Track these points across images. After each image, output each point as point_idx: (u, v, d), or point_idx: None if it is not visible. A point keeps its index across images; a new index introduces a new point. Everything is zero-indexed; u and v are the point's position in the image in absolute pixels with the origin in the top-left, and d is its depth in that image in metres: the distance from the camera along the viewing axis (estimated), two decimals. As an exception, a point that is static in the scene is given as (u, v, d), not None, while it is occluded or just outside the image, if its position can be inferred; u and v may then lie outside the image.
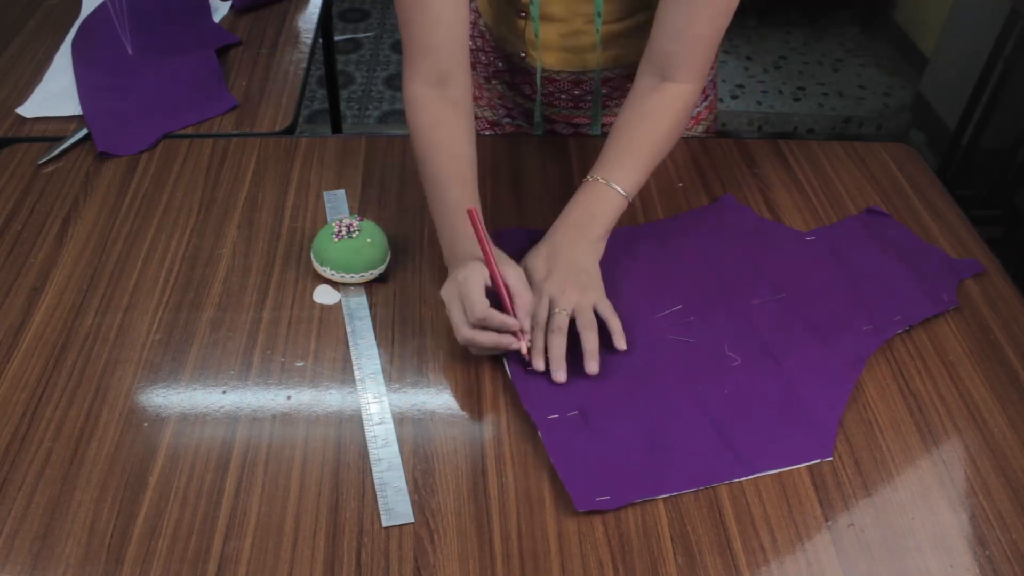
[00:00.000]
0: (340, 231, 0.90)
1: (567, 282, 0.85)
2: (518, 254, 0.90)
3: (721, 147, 1.14)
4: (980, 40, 2.37)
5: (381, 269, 0.92)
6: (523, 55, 1.10)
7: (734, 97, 3.03)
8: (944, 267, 0.95)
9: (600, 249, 0.90)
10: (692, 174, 1.09)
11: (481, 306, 0.78)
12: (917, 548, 0.71)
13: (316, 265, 0.92)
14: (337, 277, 0.90)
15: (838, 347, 0.85)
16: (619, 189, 0.91)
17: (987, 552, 0.71)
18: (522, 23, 1.07)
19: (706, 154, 1.13)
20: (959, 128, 2.39)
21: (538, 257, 0.88)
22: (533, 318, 0.83)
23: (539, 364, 0.82)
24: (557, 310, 0.83)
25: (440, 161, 0.91)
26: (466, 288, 0.79)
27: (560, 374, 0.81)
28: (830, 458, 0.77)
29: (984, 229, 1.05)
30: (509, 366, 0.83)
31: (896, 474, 0.76)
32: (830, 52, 3.29)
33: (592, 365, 0.82)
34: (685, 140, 1.15)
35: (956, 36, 2.71)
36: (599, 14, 1.00)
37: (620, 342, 0.84)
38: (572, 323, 0.84)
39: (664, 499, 0.73)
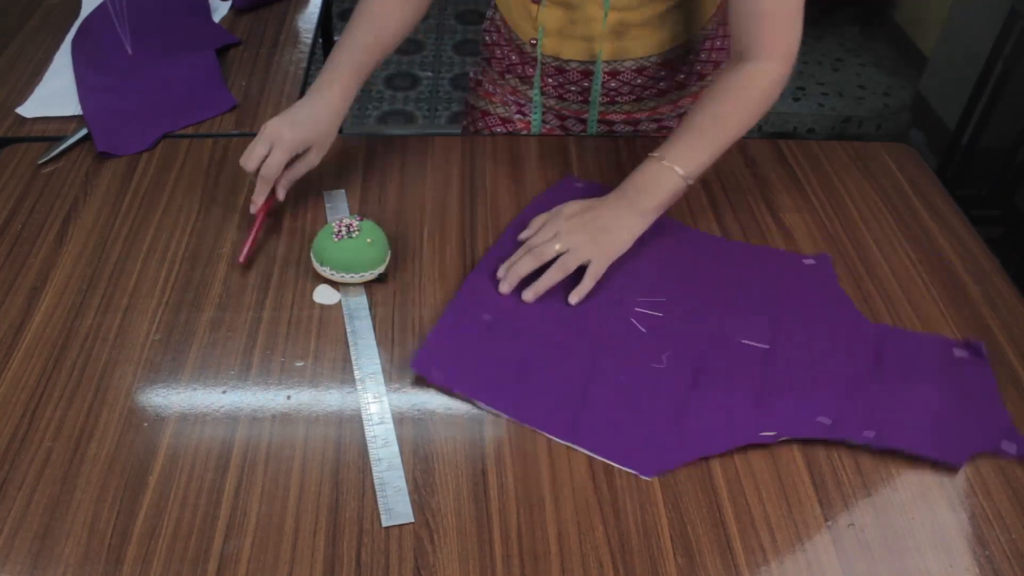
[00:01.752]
0: (340, 231, 0.89)
1: (581, 228, 0.88)
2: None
3: (721, 147, 1.14)
4: (980, 40, 2.37)
5: (381, 269, 0.92)
6: (534, 42, 1.10)
7: (734, 97, 3.02)
8: (980, 420, 0.81)
9: (644, 224, 0.91)
10: (692, 174, 1.09)
11: (273, 166, 0.93)
12: (917, 548, 0.71)
13: (316, 265, 0.92)
14: (337, 277, 0.90)
15: (779, 412, 0.80)
16: (678, 169, 0.90)
17: (987, 552, 0.71)
18: (535, 8, 1.06)
19: (706, 154, 1.13)
20: (959, 128, 2.39)
21: (577, 204, 0.91)
22: (530, 240, 0.89)
23: (501, 272, 0.89)
24: (551, 240, 0.88)
25: (355, 25, 1.01)
26: (279, 147, 0.93)
27: (505, 286, 0.88)
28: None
29: (984, 229, 1.05)
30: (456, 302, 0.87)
31: (896, 474, 0.76)
32: (830, 52, 3.29)
33: (529, 294, 0.88)
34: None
35: (956, 36, 2.70)
36: None
37: (574, 297, 0.88)
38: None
39: (664, 499, 0.73)
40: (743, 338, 0.87)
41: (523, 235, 0.93)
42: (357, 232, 0.90)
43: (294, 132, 0.93)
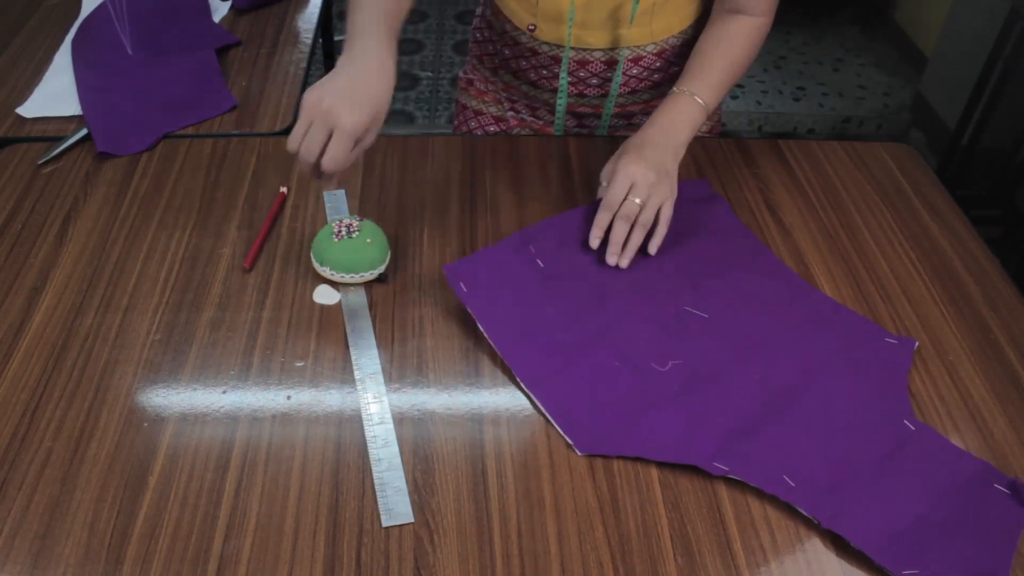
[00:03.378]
0: (340, 231, 0.89)
1: (649, 170, 0.92)
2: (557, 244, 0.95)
3: (721, 147, 1.14)
4: (980, 40, 2.37)
5: (381, 269, 0.92)
6: (532, 27, 1.08)
7: (734, 97, 3.03)
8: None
9: (681, 154, 0.97)
10: (692, 174, 1.09)
11: (339, 159, 0.81)
12: (917, 548, 0.71)
13: (316, 265, 0.92)
14: (337, 277, 0.90)
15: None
16: (701, 101, 0.98)
17: (987, 552, 0.71)
18: None
19: (706, 154, 1.13)
20: (959, 128, 2.39)
21: (631, 146, 0.95)
22: (608, 196, 0.92)
23: (595, 242, 0.92)
24: (632, 197, 0.91)
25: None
26: (341, 135, 0.80)
27: (613, 258, 0.92)
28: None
29: (984, 229, 1.05)
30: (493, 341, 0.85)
31: (896, 474, 0.76)
32: (830, 52, 3.29)
33: (624, 260, 0.92)
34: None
35: (956, 36, 2.70)
36: None
37: (654, 247, 0.94)
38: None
39: (664, 499, 0.73)
40: (761, 376, 0.83)
41: (600, 190, 0.96)
42: (357, 232, 0.90)
43: (354, 114, 0.80)
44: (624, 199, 0.92)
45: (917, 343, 0.88)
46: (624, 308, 0.89)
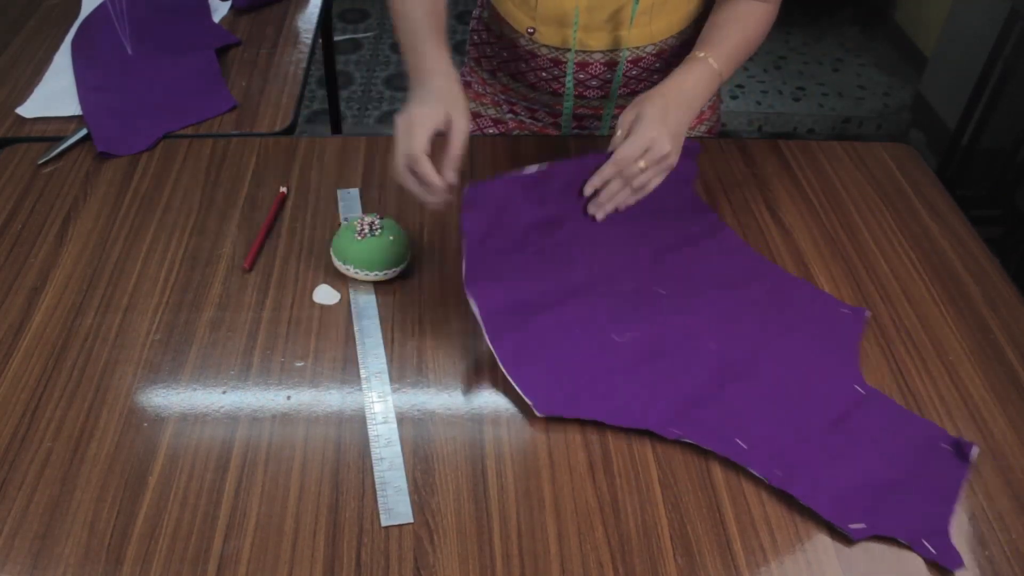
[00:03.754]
0: (363, 229, 0.90)
1: (668, 143, 0.91)
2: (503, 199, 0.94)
3: (721, 147, 1.14)
4: (980, 40, 2.37)
5: (403, 266, 0.92)
6: (531, 31, 1.08)
7: (734, 97, 3.03)
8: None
9: (693, 117, 0.97)
10: (692, 174, 1.09)
11: (418, 145, 0.84)
12: (917, 548, 0.71)
13: (339, 264, 0.91)
14: (361, 275, 0.91)
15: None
16: (717, 68, 0.98)
17: (987, 552, 0.71)
18: None
19: (706, 154, 1.13)
20: (959, 128, 2.39)
21: (655, 106, 0.93)
22: (620, 152, 0.91)
23: (589, 189, 0.94)
24: (643, 163, 0.90)
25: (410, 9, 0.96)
26: (416, 127, 0.85)
27: (594, 208, 0.94)
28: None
29: (984, 229, 1.05)
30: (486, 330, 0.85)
31: (896, 474, 0.76)
32: (830, 52, 3.29)
33: (600, 213, 0.94)
34: (685, 140, 1.14)
35: (956, 36, 2.70)
36: None
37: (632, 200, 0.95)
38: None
39: (664, 499, 0.74)
40: (717, 346, 0.85)
41: (615, 139, 0.94)
42: (380, 230, 0.90)
43: (422, 107, 0.87)
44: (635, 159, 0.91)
45: (869, 312, 0.90)
46: (588, 278, 0.90)
